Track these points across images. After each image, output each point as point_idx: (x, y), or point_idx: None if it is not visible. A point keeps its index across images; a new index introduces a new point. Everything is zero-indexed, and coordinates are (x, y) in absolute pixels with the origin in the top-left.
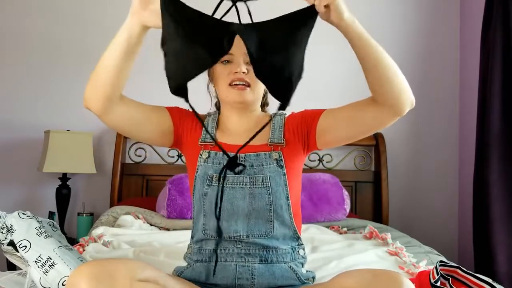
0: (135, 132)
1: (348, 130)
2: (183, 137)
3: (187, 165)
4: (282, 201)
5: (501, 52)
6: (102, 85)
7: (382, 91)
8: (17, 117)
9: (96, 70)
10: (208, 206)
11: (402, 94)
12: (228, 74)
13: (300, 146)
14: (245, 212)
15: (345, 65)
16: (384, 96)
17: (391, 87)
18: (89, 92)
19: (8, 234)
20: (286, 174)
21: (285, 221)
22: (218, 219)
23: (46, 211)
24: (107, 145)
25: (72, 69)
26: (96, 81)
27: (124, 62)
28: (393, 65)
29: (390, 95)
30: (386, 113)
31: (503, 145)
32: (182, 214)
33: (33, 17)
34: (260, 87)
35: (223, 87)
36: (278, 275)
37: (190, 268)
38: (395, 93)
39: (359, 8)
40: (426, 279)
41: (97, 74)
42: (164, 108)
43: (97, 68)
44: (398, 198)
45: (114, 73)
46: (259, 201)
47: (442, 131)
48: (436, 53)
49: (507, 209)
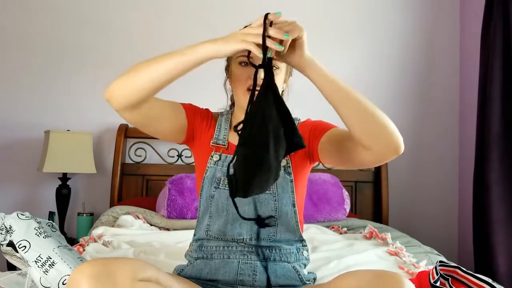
0: (151, 128)
1: (342, 164)
2: (196, 135)
3: (196, 163)
4: (288, 208)
5: (501, 52)
6: (137, 90)
7: (354, 133)
8: (17, 117)
9: (138, 72)
10: (214, 208)
11: (379, 139)
12: (246, 78)
13: (306, 156)
14: (250, 217)
15: (351, 66)
16: (357, 138)
17: (362, 130)
18: (118, 89)
19: (7, 234)
20: (293, 181)
21: (290, 227)
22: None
23: (46, 211)
24: (107, 145)
25: (72, 69)
26: (132, 82)
27: (175, 78)
28: (367, 107)
29: (364, 138)
30: (368, 156)
31: (503, 145)
32: (182, 214)
33: (33, 17)
34: None
35: (240, 90)
36: (280, 274)
37: (190, 265)
38: (370, 138)
39: (359, 8)
40: (426, 279)
41: (136, 76)
42: (180, 104)
43: (140, 71)
44: (398, 198)
45: (158, 85)
46: (265, 207)
47: (442, 131)
48: (436, 53)
49: (507, 209)
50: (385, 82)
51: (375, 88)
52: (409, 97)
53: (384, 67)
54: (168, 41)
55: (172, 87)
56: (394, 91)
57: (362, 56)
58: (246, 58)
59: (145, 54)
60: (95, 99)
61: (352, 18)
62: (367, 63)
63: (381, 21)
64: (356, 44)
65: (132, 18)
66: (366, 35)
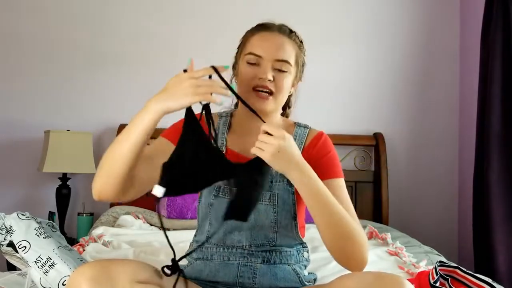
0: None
1: None
2: None
3: None
4: (287, 220)
5: (501, 52)
6: (117, 177)
7: (325, 245)
8: (17, 117)
9: (107, 164)
10: (214, 216)
11: (347, 260)
12: (252, 77)
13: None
14: (249, 226)
15: (353, 65)
16: (326, 247)
17: (334, 248)
18: (100, 187)
19: (7, 235)
20: (295, 193)
21: (289, 235)
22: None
23: (46, 211)
24: (107, 145)
25: (72, 69)
26: (106, 175)
27: (142, 147)
28: (344, 232)
29: (333, 252)
30: (332, 255)
31: (503, 145)
32: (182, 214)
33: (33, 17)
34: (284, 96)
35: (246, 89)
36: (280, 277)
37: (190, 266)
38: (338, 255)
39: (359, 9)
40: (426, 279)
41: (107, 169)
42: (163, 140)
43: (108, 162)
44: (398, 198)
45: (130, 163)
46: (265, 218)
47: (442, 131)
48: (436, 53)
49: (507, 209)
50: (385, 82)
51: (375, 88)
52: (409, 97)
53: (383, 67)
54: (167, 40)
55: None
56: (394, 91)
57: (362, 55)
58: (254, 58)
59: (145, 54)
60: (95, 99)
61: (352, 18)
62: (367, 63)
63: (381, 21)
64: (356, 43)
65: (132, 17)
66: (366, 35)
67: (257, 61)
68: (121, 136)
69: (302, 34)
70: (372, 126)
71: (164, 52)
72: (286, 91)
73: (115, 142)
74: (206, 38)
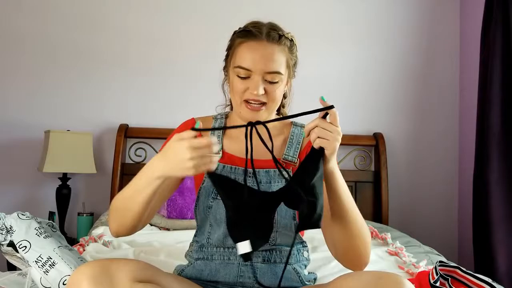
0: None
1: None
2: None
3: None
4: (287, 220)
5: (501, 52)
6: (130, 224)
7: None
8: (17, 117)
9: (119, 214)
10: (213, 218)
11: (351, 263)
12: (244, 91)
13: None
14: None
15: (353, 65)
16: (333, 253)
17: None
18: (117, 228)
19: (8, 235)
20: None
21: (288, 236)
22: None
23: (46, 211)
24: (107, 145)
25: (72, 69)
26: (121, 223)
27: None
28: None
29: (340, 258)
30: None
31: (503, 145)
32: (182, 214)
33: (33, 17)
34: (277, 104)
35: (237, 100)
36: (280, 276)
37: (191, 266)
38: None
39: (359, 8)
40: (426, 279)
41: (122, 218)
42: None
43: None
44: (398, 198)
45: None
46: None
47: (442, 131)
48: (436, 53)
49: (507, 209)
50: (385, 82)
51: (375, 88)
52: (409, 97)
53: (383, 67)
54: (167, 41)
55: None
56: (394, 91)
57: (362, 55)
58: (244, 72)
59: (145, 54)
60: (95, 99)
61: (352, 18)
62: (367, 63)
63: (381, 21)
64: (356, 43)
65: (132, 18)
66: (366, 35)
67: (247, 74)
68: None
69: (302, 34)
70: (372, 126)
71: (164, 52)
72: (278, 99)
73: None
74: (207, 39)
